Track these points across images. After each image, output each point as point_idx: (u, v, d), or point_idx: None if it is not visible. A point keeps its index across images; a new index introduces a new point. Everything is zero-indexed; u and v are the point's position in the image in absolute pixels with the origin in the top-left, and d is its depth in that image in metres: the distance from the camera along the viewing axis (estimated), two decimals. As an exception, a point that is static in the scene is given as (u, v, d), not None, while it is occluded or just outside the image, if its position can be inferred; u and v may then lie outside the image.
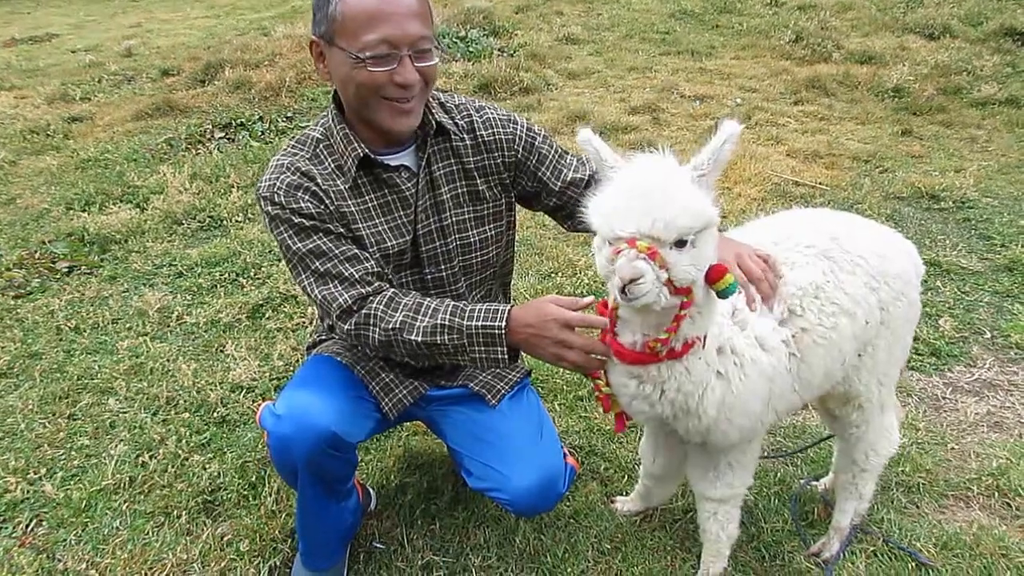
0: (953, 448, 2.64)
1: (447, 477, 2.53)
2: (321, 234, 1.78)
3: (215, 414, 2.89)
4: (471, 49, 7.89)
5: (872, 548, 2.20)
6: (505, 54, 7.90)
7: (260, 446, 2.66)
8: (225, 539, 2.32)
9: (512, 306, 1.74)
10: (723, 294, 1.52)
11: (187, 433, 2.78)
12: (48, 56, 10.03)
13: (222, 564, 2.23)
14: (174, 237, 4.50)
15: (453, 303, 1.77)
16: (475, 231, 1.98)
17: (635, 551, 2.24)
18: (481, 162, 1.95)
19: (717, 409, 1.70)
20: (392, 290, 1.80)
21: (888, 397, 2.09)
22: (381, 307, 1.75)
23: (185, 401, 2.96)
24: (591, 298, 1.73)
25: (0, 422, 2.93)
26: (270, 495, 2.45)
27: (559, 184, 2.00)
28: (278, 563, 2.23)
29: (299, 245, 1.78)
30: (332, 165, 1.84)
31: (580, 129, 1.57)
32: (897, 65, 7.13)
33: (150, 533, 2.36)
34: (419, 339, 1.72)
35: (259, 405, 2.93)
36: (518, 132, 1.98)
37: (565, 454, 2.13)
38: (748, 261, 1.67)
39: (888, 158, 5.32)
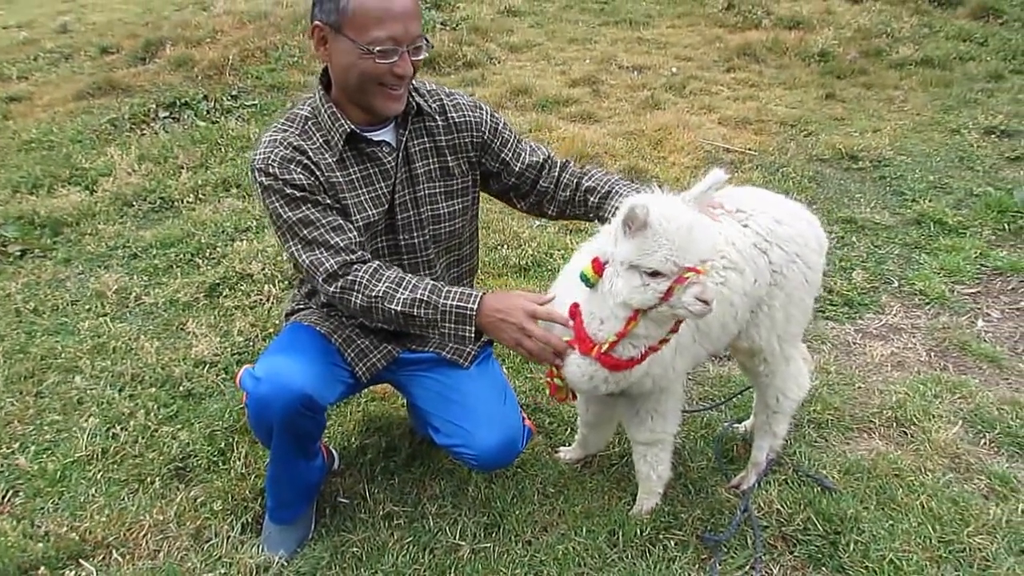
0: (859, 387, 2.92)
1: (403, 437, 2.70)
2: (310, 205, 1.94)
3: (181, 388, 3.00)
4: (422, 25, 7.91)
5: (784, 478, 2.45)
6: (448, 27, 7.92)
7: (227, 415, 2.79)
8: (198, 501, 2.46)
9: (485, 292, 1.93)
10: None
11: (155, 407, 2.88)
12: (-22, 34, 9.65)
13: (197, 523, 2.37)
14: (126, 219, 4.51)
15: (432, 282, 1.95)
16: (444, 203, 2.16)
17: (576, 493, 2.45)
18: (452, 141, 2.14)
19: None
20: (376, 262, 1.97)
21: (791, 350, 2.31)
22: (366, 276, 1.92)
23: (150, 377, 3.06)
24: (553, 295, 1.97)
25: (-33, 405, 2.99)
26: (239, 459, 2.59)
27: (519, 165, 2.21)
28: (250, 520, 2.38)
29: (289, 214, 1.93)
30: (320, 140, 2.00)
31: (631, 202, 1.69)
32: (823, 29, 7.39)
33: (126, 499, 2.48)
34: (398, 308, 1.90)
35: (222, 378, 3.08)
36: (484, 116, 2.17)
37: (523, 417, 2.33)
38: None
39: (812, 121, 5.59)
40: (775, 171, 4.77)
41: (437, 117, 2.12)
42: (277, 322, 3.37)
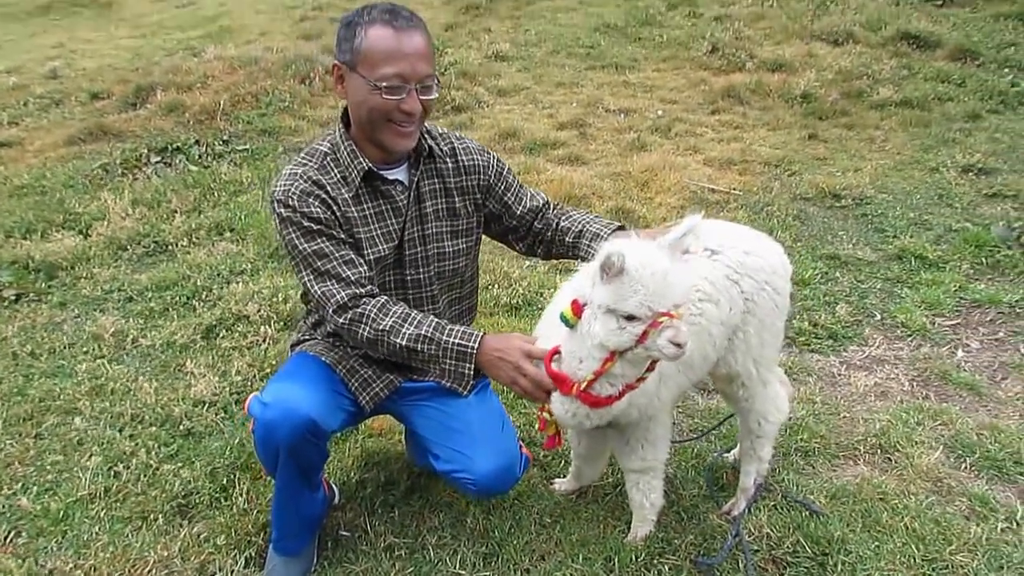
0: (845, 416, 3.08)
1: (401, 471, 2.82)
2: (325, 238, 2.11)
3: (181, 427, 3.11)
4: (404, 67, 8.21)
5: (773, 503, 2.59)
6: (437, 72, 8.23)
7: (228, 452, 2.91)
8: (202, 537, 2.56)
9: (485, 333, 2.10)
10: None
11: (155, 445, 3.00)
12: (-34, 80, 9.87)
13: (201, 558, 2.47)
14: (120, 263, 4.66)
15: (436, 320, 2.11)
16: (450, 242, 2.34)
17: (572, 522, 2.58)
18: (460, 183, 2.33)
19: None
20: (384, 297, 2.13)
21: (767, 374, 2.48)
22: (374, 310, 2.08)
23: (150, 417, 3.18)
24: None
25: (-33, 446, 3.09)
26: (241, 495, 2.70)
27: (519, 209, 2.40)
28: (253, 554, 2.49)
29: (305, 246, 2.10)
30: (338, 175, 2.17)
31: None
32: (805, 72, 7.73)
33: (129, 536, 2.58)
34: (403, 343, 2.06)
35: (222, 417, 3.21)
36: (491, 161, 2.38)
37: (520, 445, 2.48)
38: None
39: (796, 161, 5.85)
40: (760, 210, 5.00)
41: (447, 160, 2.31)
42: (274, 362, 3.50)
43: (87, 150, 6.72)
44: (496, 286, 4.15)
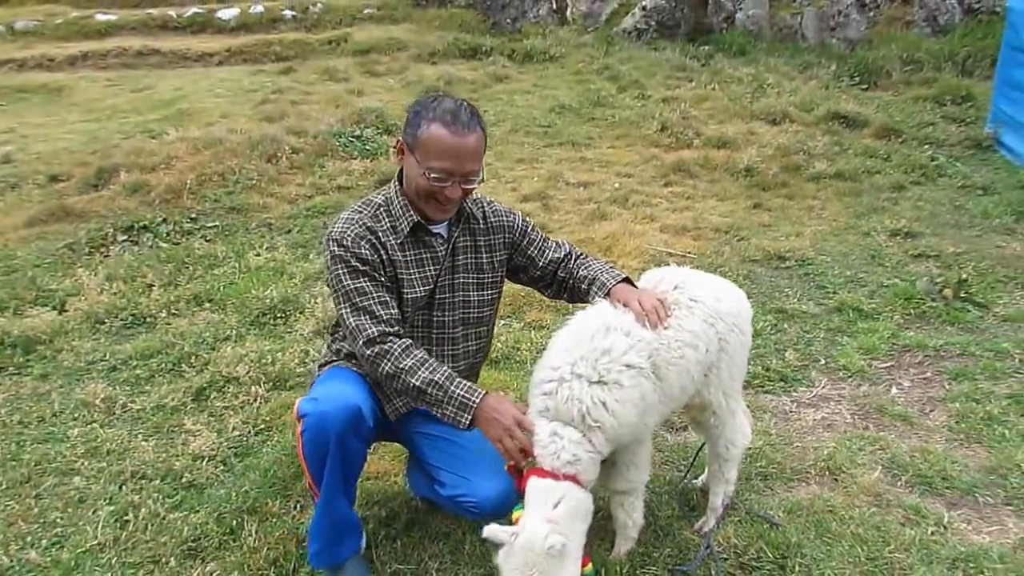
0: (797, 446, 3.55)
1: (400, 507, 3.16)
2: (368, 279, 2.53)
3: (183, 480, 3.39)
4: (367, 147, 8.74)
5: (738, 518, 3.02)
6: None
7: (234, 497, 3.20)
8: (215, 574, 2.84)
9: (488, 392, 2.51)
10: None
11: (160, 497, 3.27)
12: (-88, 166, 10.04)
13: (218, 592, 2.75)
14: (99, 335, 4.92)
15: (449, 371, 2.51)
16: (475, 293, 2.79)
17: (560, 544, 2.93)
18: (489, 240, 2.80)
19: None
20: (409, 340, 2.53)
21: (735, 404, 2.95)
22: (399, 350, 2.48)
23: (151, 472, 3.44)
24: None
25: (-34, 507, 3.30)
26: (250, 535, 2.99)
27: (542, 261, 2.87)
28: (267, 586, 2.78)
29: (349, 282, 2.53)
30: (388, 224, 2.63)
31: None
32: (747, 148, 8.54)
33: (143, 578, 2.85)
34: (416, 383, 2.46)
35: (222, 469, 3.49)
36: (516, 220, 2.86)
37: None
38: (646, 301, 2.56)
39: (743, 228, 6.51)
40: (714, 271, 5.52)
41: (480, 220, 2.80)
42: (268, 419, 3.82)
43: (50, 231, 6.97)
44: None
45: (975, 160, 8.13)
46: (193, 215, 7.15)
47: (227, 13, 15.87)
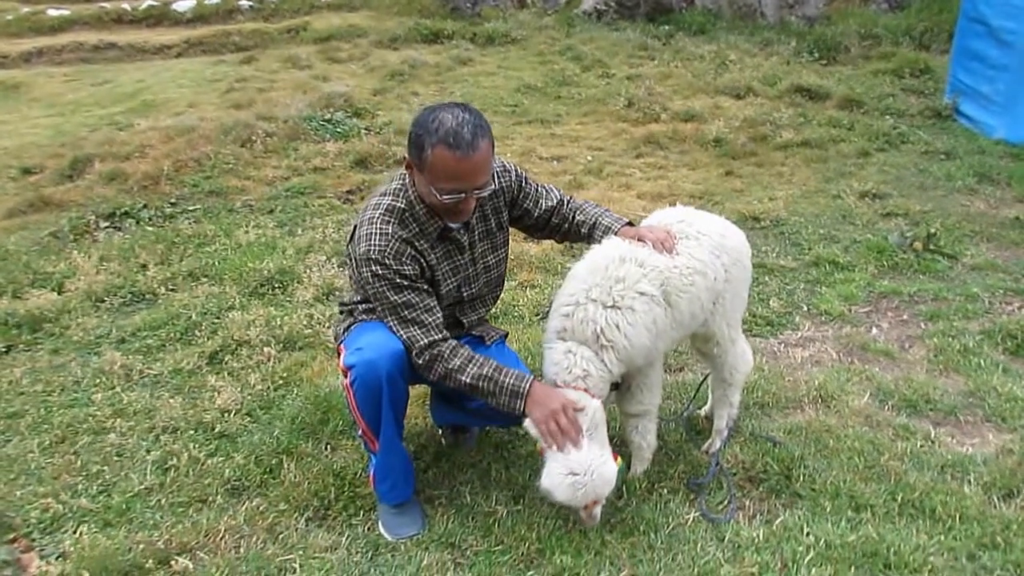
0: (789, 379, 3.90)
1: (426, 443, 3.42)
2: (412, 291, 2.69)
3: (215, 431, 3.59)
4: (339, 130, 8.91)
5: (743, 439, 3.35)
6: (372, 132, 8.98)
7: (269, 440, 3.43)
8: (261, 507, 3.07)
9: (535, 378, 2.69)
10: None
11: (195, 446, 3.47)
12: None
13: (267, 521, 2.99)
14: (102, 312, 5.04)
15: (495, 362, 2.69)
16: (492, 256, 3.01)
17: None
18: (494, 204, 2.95)
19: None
20: (454, 341, 2.73)
21: (736, 333, 3.27)
22: (447, 352, 2.68)
23: (184, 425, 3.64)
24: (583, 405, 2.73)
25: (8, 467, 3.45)
26: (290, 472, 3.22)
27: (537, 212, 3.08)
28: (312, 514, 3.02)
29: (395, 298, 2.67)
30: (417, 229, 2.73)
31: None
32: (714, 121, 8.93)
33: (194, 515, 3.05)
34: (467, 380, 2.67)
35: (249, 420, 3.69)
36: (512, 177, 2.99)
37: None
38: (656, 232, 2.85)
39: (717, 194, 6.87)
40: (694, 233, 5.91)
41: None
42: (284, 375, 4.03)
43: (31, 220, 7.00)
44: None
45: (936, 129, 8.62)
46: (173, 200, 7.24)
47: (183, 5, 15.77)
